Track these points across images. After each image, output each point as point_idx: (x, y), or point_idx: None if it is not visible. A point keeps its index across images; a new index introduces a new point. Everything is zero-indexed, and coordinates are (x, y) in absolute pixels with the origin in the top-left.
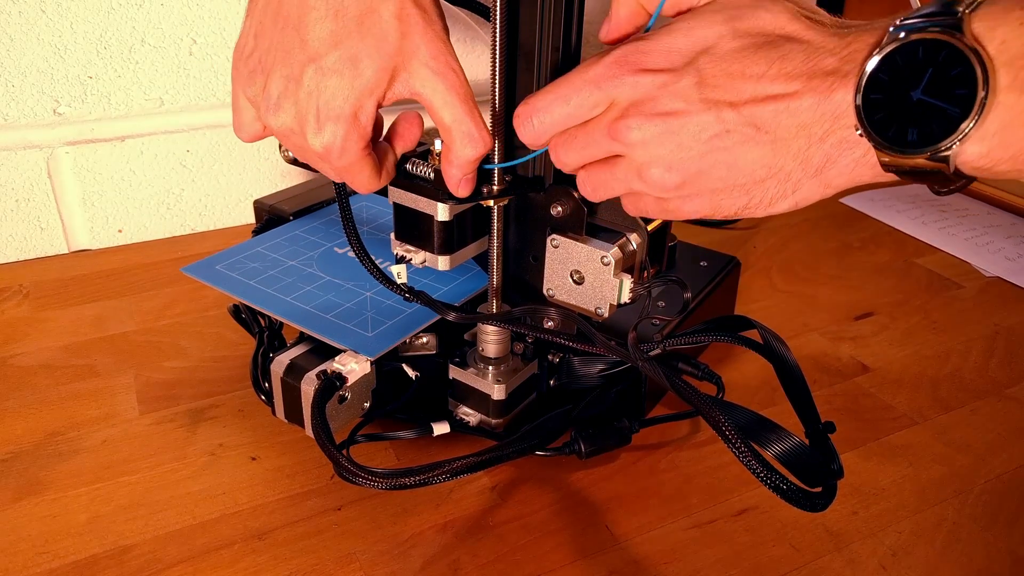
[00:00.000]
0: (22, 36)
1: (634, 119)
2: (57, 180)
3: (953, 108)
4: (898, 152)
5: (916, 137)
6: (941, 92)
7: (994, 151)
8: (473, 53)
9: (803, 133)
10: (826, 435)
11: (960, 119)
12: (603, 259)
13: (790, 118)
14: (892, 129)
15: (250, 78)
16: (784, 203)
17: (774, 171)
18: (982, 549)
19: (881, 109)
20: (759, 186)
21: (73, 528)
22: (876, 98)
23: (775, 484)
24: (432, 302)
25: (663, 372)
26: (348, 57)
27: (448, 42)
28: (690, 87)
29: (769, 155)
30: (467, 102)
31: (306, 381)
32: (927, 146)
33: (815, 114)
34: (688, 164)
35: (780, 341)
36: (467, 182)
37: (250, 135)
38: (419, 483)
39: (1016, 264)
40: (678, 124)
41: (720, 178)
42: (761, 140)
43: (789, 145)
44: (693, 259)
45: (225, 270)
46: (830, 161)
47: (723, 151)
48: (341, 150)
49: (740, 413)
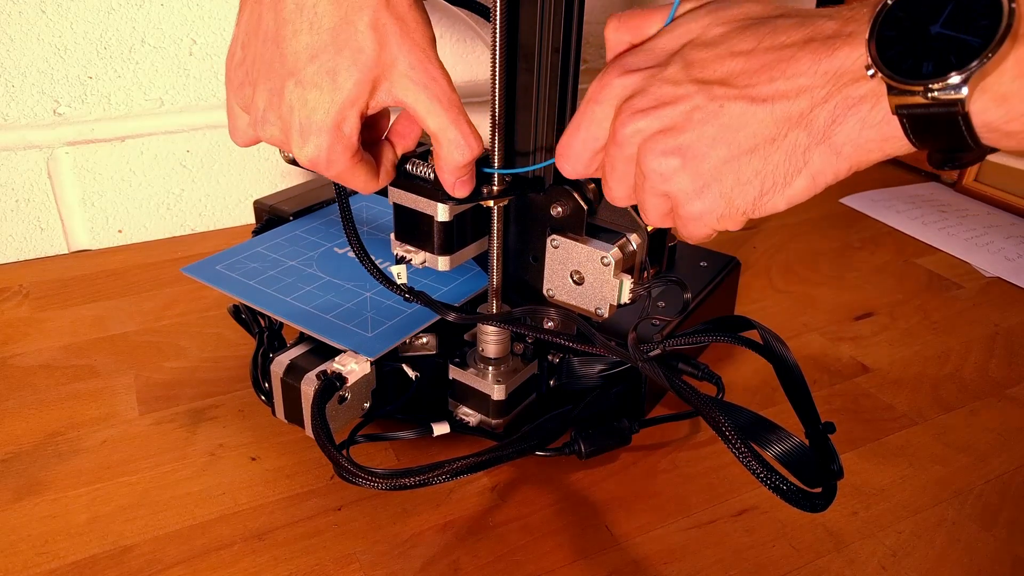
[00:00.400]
0: (22, 36)
1: (627, 116)
2: (57, 180)
3: (975, 39)
4: (911, 82)
5: (931, 69)
6: (962, 23)
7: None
8: (473, 53)
9: (804, 95)
10: (826, 436)
11: (981, 49)
12: (603, 259)
13: (787, 83)
14: (907, 62)
15: (240, 88)
16: (800, 180)
17: (779, 142)
18: (982, 549)
19: (897, 44)
20: (766, 162)
21: (73, 528)
22: (891, 35)
23: (775, 484)
24: (432, 302)
25: (663, 373)
26: (326, 71)
27: (429, 49)
28: (678, 71)
29: (770, 124)
30: (451, 109)
31: (306, 381)
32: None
33: (815, 75)
34: (685, 148)
35: (780, 341)
36: (462, 184)
37: (245, 140)
38: (419, 483)
39: (1016, 264)
40: (670, 110)
41: (723, 159)
42: (759, 111)
43: (789, 110)
44: (693, 259)
45: (225, 270)
46: (836, 122)
47: (721, 128)
48: (328, 161)
49: (740, 414)
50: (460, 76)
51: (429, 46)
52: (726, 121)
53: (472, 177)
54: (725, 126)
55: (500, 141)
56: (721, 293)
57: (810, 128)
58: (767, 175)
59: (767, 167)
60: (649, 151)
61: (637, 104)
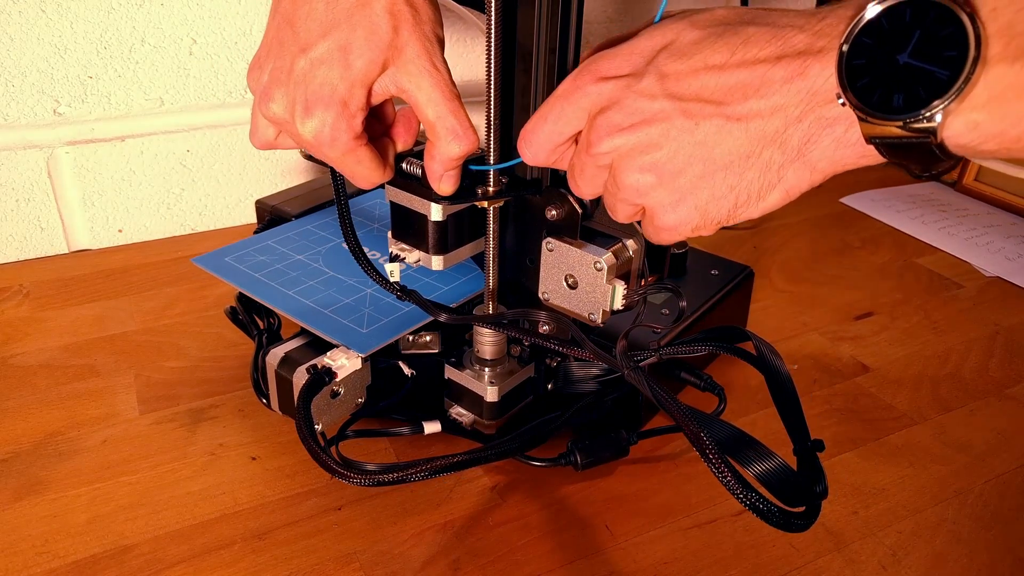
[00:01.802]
0: (22, 36)
1: (603, 131)
2: (57, 180)
3: (942, 71)
4: (883, 118)
5: (902, 103)
6: (929, 55)
7: (983, 124)
8: (473, 53)
9: (778, 114)
10: (814, 453)
11: (949, 82)
12: (596, 264)
13: (760, 102)
14: (876, 95)
15: (251, 72)
16: (774, 194)
17: (753, 159)
18: (982, 549)
19: (865, 74)
20: (741, 179)
21: (73, 528)
22: (859, 64)
23: (752, 503)
24: (423, 302)
25: (647, 383)
26: (338, 46)
27: (435, 43)
28: (653, 84)
29: (744, 143)
30: (452, 100)
31: (297, 374)
32: (913, 111)
33: (788, 94)
34: (662, 165)
35: (775, 354)
36: (448, 179)
37: (262, 143)
38: (397, 480)
39: (1016, 264)
40: (647, 128)
41: (699, 175)
42: (734, 129)
43: (764, 129)
44: (705, 267)
45: (233, 262)
46: (811, 141)
47: (696, 145)
48: (331, 138)
49: (722, 428)
50: (461, 75)
51: (436, 41)
52: (701, 139)
53: (459, 174)
54: (700, 144)
55: (496, 141)
56: (732, 303)
57: (784, 147)
58: (741, 190)
59: (742, 183)
60: (625, 167)
61: (613, 119)
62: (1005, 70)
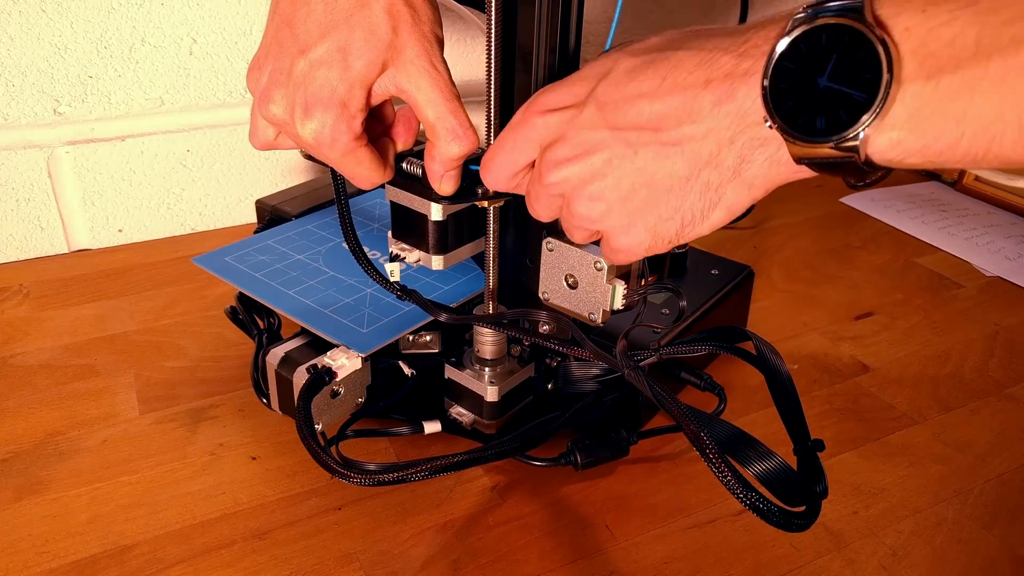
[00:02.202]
0: (22, 36)
1: (551, 164)
2: (57, 180)
3: (860, 93)
4: (807, 142)
5: (824, 125)
6: (847, 77)
7: (904, 141)
8: (473, 53)
9: (711, 137)
10: (814, 453)
11: (867, 104)
12: (596, 264)
13: (693, 127)
14: (801, 118)
15: (250, 73)
16: (717, 213)
17: (693, 181)
18: (982, 549)
19: (789, 98)
20: (683, 201)
21: (73, 528)
22: (783, 87)
23: (752, 503)
24: (423, 301)
25: (647, 382)
26: (338, 47)
27: (435, 43)
28: (593, 114)
29: (683, 166)
30: (451, 100)
31: (297, 374)
32: (835, 133)
33: (718, 117)
34: (608, 192)
35: (775, 354)
36: (449, 179)
37: (262, 143)
38: (397, 480)
39: (1016, 264)
40: (590, 159)
41: (645, 200)
42: (671, 154)
43: (699, 152)
44: (705, 267)
45: (233, 262)
46: (745, 161)
47: (638, 172)
48: (331, 139)
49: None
50: (461, 75)
51: (435, 41)
52: (642, 165)
53: (459, 174)
54: (641, 170)
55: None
56: (731, 303)
57: (720, 167)
58: (686, 211)
59: (684, 204)
60: (576, 197)
61: (560, 153)
62: (920, 88)
